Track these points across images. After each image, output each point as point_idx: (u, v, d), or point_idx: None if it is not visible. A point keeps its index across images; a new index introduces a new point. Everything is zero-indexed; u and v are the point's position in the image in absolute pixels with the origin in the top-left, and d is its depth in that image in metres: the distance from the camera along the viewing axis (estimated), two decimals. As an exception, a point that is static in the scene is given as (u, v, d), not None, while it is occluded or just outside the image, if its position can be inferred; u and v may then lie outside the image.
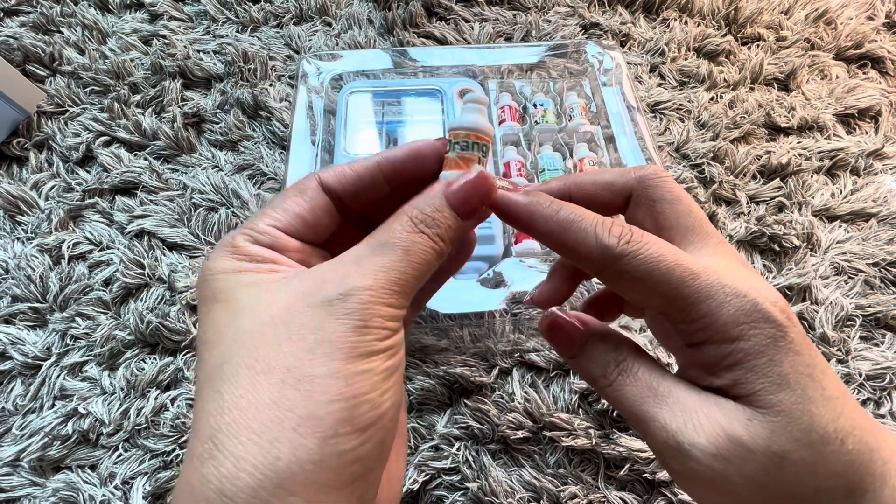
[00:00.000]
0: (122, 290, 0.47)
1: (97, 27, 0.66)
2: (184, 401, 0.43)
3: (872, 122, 0.59)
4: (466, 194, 0.20)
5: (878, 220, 0.52)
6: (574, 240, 0.20)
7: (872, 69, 0.64)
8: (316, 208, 0.21)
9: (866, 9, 0.68)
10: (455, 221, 0.20)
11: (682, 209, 0.21)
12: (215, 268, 0.19)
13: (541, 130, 0.51)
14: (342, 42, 0.64)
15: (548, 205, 0.20)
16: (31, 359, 0.44)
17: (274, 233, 0.20)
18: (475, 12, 0.68)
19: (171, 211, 0.52)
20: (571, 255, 0.20)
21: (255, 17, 0.67)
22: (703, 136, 0.57)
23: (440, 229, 0.19)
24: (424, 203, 0.20)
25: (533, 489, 0.39)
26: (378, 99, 0.54)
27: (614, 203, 0.23)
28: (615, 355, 0.21)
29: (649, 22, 0.68)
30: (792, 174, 0.55)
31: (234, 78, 0.61)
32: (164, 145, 0.56)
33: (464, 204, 0.20)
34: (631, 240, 0.19)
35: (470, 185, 0.20)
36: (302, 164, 0.48)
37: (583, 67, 0.56)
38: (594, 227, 0.19)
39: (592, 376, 0.22)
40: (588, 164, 0.49)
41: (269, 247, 0.20)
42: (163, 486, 0.40)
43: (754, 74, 0.62)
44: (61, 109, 0.59)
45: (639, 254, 0.19)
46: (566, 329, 0.23)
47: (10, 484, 0.40)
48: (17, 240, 0.51)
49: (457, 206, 0.20)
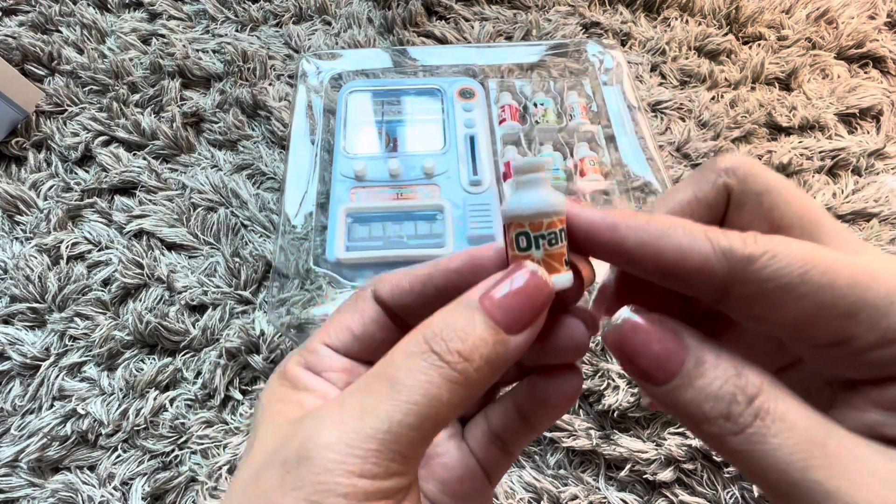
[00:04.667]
0: (120, 290, 0.47)
1: (96, 26, 0.66)
2: (182, 401, 0.43)
3: (874, 121, 0.59)
4: (511, 302, 0.15)
5: (880, 219, 0.52)
6: (678, 248, 0.14)
7: (874, 68, 0.64)
8: (367, 320, 0.18)
9: (868, 8, 0.68)
10: (494, 337, 0.14)
11: (802, 199, 0.16)
12: (262, 395, 0.17)
13: (541, 130, 0.51)
14: (342, 41, 0.64)
15: (632, 214, 0.15)
16: (29, 359, 0.44)
17: (322, 351, 0.17)
18: (475, 11, 0.68)
19: (170, 211, 0.52)
20: (676, 274, 0.14)
21: (254, 16, 0.67)
22: (704, 136, 0.57)
23: (465, 352, 0.14)
24: (448, 315, 0.15)
25: (533, 490, 0.39)
26: (378, 98, 0.54)
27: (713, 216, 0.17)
28: (741, 383, 0.14)
29: (650, 21, 0.68)
30: (793, 174, 0.54)
31: (234, 77, 0.61)
32: (163, 145, 0.56)
33: (509, 316, 0.15)
34: (759, 240, 0.13)
35: (516, 292, 0.15)
36: (301, 163, 0.48)
37: (583, 67, 0.55)
38: (703, 231, 0.14)
39: (704, 417, 0.14)
40: (589, 163, 0.48)
41: (314, 368, 0.17)
42: (161, 487, 0.40)
43: (755, 74, 0.61)
44: (60, 109, 0.59)
45: (779, 253, 0.13)
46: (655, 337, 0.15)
47: (8, 485, 0.40)
48: (16, 240, 0.51)
49: (500, 319, 0.15)
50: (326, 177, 0.48)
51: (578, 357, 0.18)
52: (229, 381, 0.43)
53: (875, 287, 0.12)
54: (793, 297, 0.13)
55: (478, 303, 0.15)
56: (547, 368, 0.18)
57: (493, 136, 0.50)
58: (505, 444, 0.19)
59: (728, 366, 0.14)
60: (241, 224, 0.51)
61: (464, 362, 0.14)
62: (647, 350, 0.15)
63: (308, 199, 0.46)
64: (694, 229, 0.14)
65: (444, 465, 0.19)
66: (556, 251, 0.16)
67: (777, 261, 0.13)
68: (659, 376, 0.15)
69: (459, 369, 0.14)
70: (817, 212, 0.15)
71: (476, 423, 0.20)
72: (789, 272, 0.13)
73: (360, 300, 0.18)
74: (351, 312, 0.18)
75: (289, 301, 0.41)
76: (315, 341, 0.18)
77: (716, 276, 0.14)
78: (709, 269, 0.14)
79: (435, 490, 0.19)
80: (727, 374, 0.14)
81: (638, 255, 0.15)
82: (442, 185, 0.47)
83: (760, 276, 0.13)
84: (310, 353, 0.17)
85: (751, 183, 0.16)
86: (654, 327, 0.15)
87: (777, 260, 0.13)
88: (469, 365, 0.14)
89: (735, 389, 0.13)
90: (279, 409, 0.16)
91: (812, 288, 0.13)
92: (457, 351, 0.14)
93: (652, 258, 0.14)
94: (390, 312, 0.18)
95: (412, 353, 0.14)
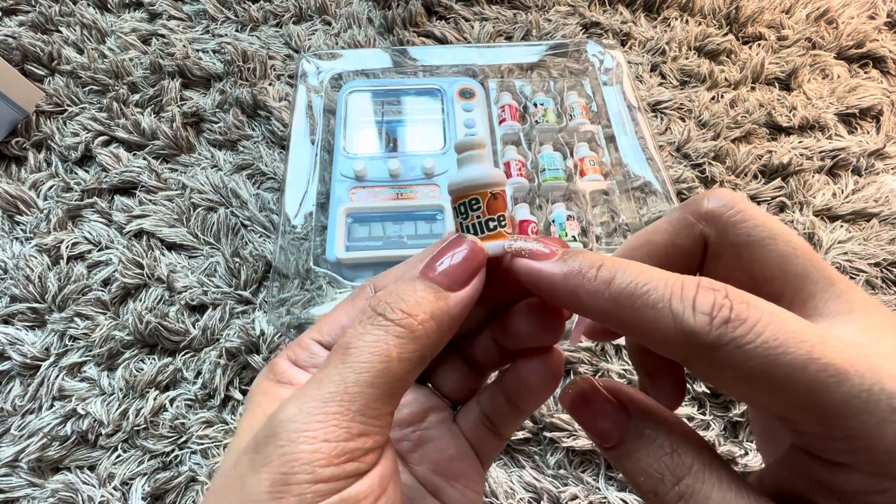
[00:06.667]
0: (120, 290, 0.47)
1: (96, 26, 0.66)
2: (182, 401, 0.43)
3: (874, 121, 0.59)
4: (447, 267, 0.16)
5: (880, 219, 0.52)
6: (641, 322, 0.14)
7: (874, 68, 0.64)
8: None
9: (867, 8, 0.68)
10: (434, 294, 0.15)
11: (784, 249, 0.15)
12: (253, 387, 0.17)
13: (541, 130, 0.51)
14: (342, 41, 0.64)
15: (594, 274, 0.14)
16: (29, 359, 0.44)
17: (314, 348, 0.18)
18: (475, 11, 0.68)
19: (170, 211, 0.52)
20: (643, 341, 0.15)
21: (254, 16, 0.67)
22: (704, 136, 0.57)
23: (408, 308, 0.15)
24: (392, 285, 0.16)
25: (533, 490, 0.39)
26: (378, 98, 0.54)
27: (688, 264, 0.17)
28: (671, 463, 0.14)
29: (650, 21, 0.68)
30: (793, 174, 0.54)
31: (234, 77, 0.61)
32: (163, 145, 0.56)
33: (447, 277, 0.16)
34: (731, 318, 0.13)
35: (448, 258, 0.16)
36: (301, 163, 0.48)
37: (583, 67, 0.55)
38: (668, 300, 0.13)
39: (639, 487, 0.15)
40: (589, 163, 0.48)
41: (302, 363, 0.17)
42: (161, 487, 0.40)
43: (755, 74, 0.61)
44: (60, 109, 0.59)
45: (746, 342, 0.12)
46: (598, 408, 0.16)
47: (8, 484, 0.40)
48: (16, 240, 0.51)
49: (439, 279, 0.16)
50: (326, 177, 0.48)
51: (555, 340, 0.18)
52: (229, 381, 0.43)
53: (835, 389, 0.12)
54: (751, 386, 0.13)
55: (418, 271, 0.16)
56: (527, 352, 0.19)
57: (493, 136, 0.50)
58: (495, 426, 0.20)
59: (664, 442, 0.15)
60: (241, 224, 0.51)
61: (408, 318, 0.15)
62: (593, 422, 0.16)
63: (308, 199, 0.46)
64: (658, 297, 0.13)
65: (435, 448, 0.19)
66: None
67: (742, 351, 0.12)
68: (605, 442, 0.16)
69: (404, 324, 0.15)
70: (803, 262, 0.15)
71: (468, 408, 0.20)
72: (753, 364, 0.12)
73: (358, 298, 0.18)
74: (347, 310, 0.18)
75: (289, 301, 0.41)
76: (306, 338, 0.18)
77: (678, 354, 0.14)
78: (671, 345, 0.13)
79: (427, 471, 0.19)
80: (660, 451, 0.14)
81: (600, 320, 0.15)
82: (442, 185, 0.47)
83: (721, 364, 0.13)
84: (300, 349, 0.18)
85: (731, 235, 0.15)
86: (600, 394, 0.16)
87: (743, 350, 0.12)
88: (413, 320, 0.15)
89: (664, 469, 0.14)
90: (259, 402, 0.16)
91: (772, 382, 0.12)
92: (400, 309, 0.15)
93: (614, 324, 0.14)
94: None
95: (361, 321, 0.15)
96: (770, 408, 0.13)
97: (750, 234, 0.15)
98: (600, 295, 0.14)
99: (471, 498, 0.19)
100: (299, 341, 0.18)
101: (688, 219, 0.16)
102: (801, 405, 0.12)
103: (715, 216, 0.15)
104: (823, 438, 0.13)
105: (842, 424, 0.12)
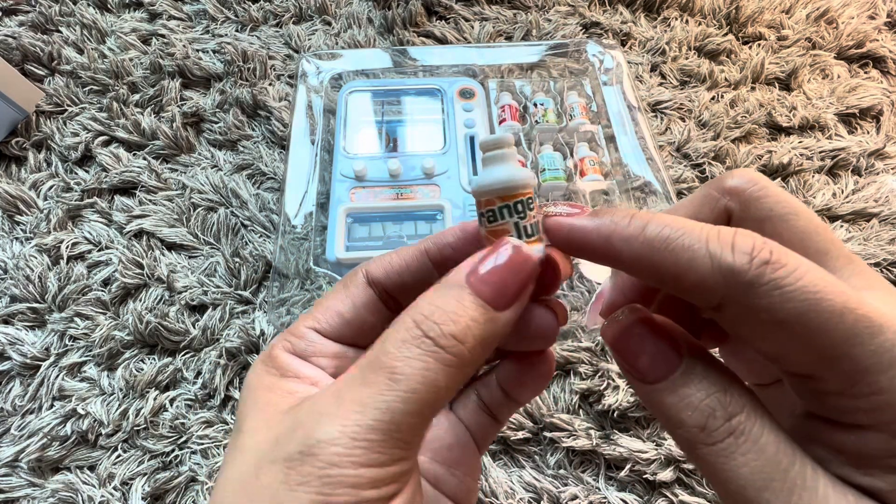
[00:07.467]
0: (120, 290, 0.47)
1: (96, 26, 0.66)
2: (182, 401, 0.43)
3: (874, 121, 0.59)
4: (498, 278, 0.15)
5: (880, 220, 0.52)
6: (675, 264, 0.13)
7: (874, 68, 0.64)
8: (358, 304, 0.18)
9: (867, 8, 0.68)
10: (484, 316, 0.14)
11: (806, 226, 0.15)
12: (247, 381, 0.17)
13: (541, 130, 0.51)
14: (342, 41, 0.64)
15: (627, 222, 0.14)
16: (29, 359, 0.44)
17: (310, 336, 0.17)
18: (475, 11, 0.68)
19: (170, 211, 0.52)
20: (676, 287, 0.14)
21: (254, 16, 0.67)
22: (704, 136, 0.57)
23: (459, 334, 0.14)
24: (437, 297, 0.15)
25: (533, 490, 0.39)
26: (378, 98, 0.54)
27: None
28: (724, 400, 0.14)
29: (650, 21, 0.68)
30: (793, 174, 0.54)
31: (234, 77, 0.61)
32: (163, 145, 0.56)
33: (496, 292, 0.15)
34: (771, 260, 0.13)
35: (501, 268, 0.15)
36: (301, 163, 0.48)
37: (583, 67, 0.55)
38: (704, 241, 0.13)
39: (681, 423, 0.14)
40: (589, 163, 0.48)
41: (302, 353, 0.17)
42: (161, 487, 0.40)
43: (755, 74, 0.61)
44: (60, 109, 0.59)
45: (786, 283, 0.12)
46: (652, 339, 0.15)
47: (8, 485, 0.40)
48: (16, 240, 0.51)
49: (488, 296, 0.15)
50: (326, 177, 0.48)
51: (548, 345, 0.18)
52: (229, 381, 0.43)
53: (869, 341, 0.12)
54: (784, 332, 0.13)
55: (465, 281, 0.15)
56: (519, 355, 0.19)
57: (493, 136, 0.50)
58: (492, 412, 0.20)
59: (716, 380, 0.14)
60: (241, 224, 0.51)
61: (458, 345, 0.14)
62: (642, 349, 0.15)
63: (308, 199, 0.46)
64: (694, 239, 0.13)
65: (434, 436, 0.19)
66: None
67: (781, 293, 0.12)
68: (649, 376, 0.15)
69: (455, 352, 0.14)
70: (825, 241, 0.15)
71: (465, 395, 0.21)
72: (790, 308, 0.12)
73: (350, 285, 0.18)
74: (342, 297, 0.18)
75: (289, 301, 0.41)
76: (301, 326, 0.17)
77: (713, 295, 0.13)
78: (707, 286, 0.13)
79: (426, 459, 0.19)
80: (713, 388, 0.14)
81: (633, 267, 0.15)
82: (442, 185, 0.47)
83: (758, 305, 0.13)
84: (297, 337, 0.17)
85: (753, 209, 0.15)
86: (653, 329, 0.15)
87: (781, 292, 0.12)
88: (464, 347, 0.14)
89: (717, 405, 0.14)
90: (268, 399, 0.16)
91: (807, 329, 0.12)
92: (451, 334, 0.14)
93: (649, 271, 0.14)
94: (383, 294, 0.18)
95: (405, 339, 0.14)
96: (799, 359, 0.13)
97: (772, 209, 0.15)
98: (634, 239, 0.14)
99: (468, 485, 0.19)
100: (294, 330, 0.17)
101: (712, 194, 0.16)
102: (831, 357, 0.12)
103: (738, 191, 0.16)
104: (848, 396, 0.13)
105: (870, 380, 0.12)
